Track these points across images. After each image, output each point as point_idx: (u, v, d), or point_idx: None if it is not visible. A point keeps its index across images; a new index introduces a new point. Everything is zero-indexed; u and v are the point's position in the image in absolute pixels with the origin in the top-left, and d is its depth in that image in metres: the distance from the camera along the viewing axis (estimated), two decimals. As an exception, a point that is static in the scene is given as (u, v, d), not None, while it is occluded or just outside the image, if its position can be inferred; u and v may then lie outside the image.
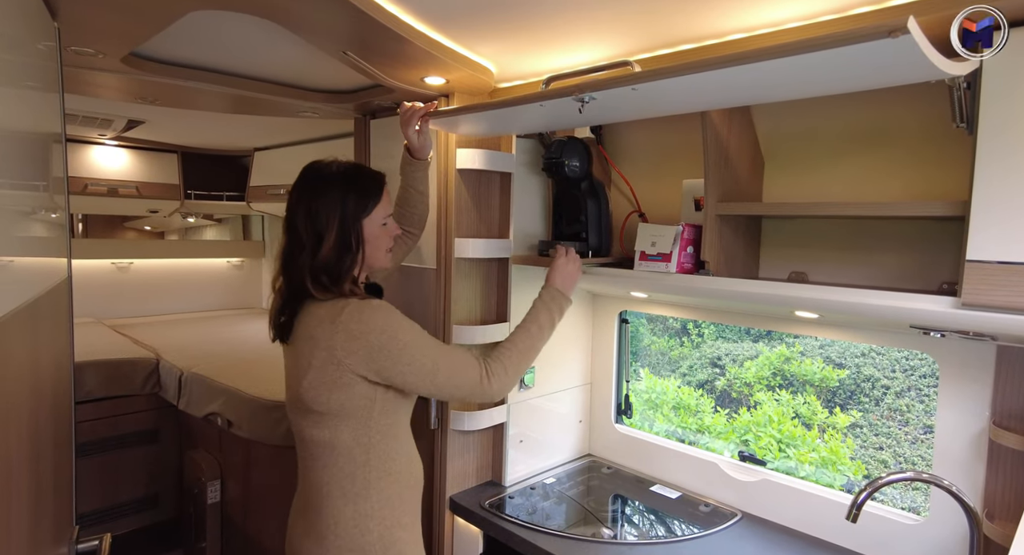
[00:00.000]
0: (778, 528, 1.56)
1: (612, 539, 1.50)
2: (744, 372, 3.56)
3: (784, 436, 2.83)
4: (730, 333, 3.82)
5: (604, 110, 1.22)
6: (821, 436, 2.71)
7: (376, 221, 1.22)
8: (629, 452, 1.96)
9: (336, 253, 1.17)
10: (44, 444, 0.94)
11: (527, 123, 1.50)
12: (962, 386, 1.30)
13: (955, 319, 1.08)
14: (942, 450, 1.33)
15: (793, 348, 3.51)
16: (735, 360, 3.65)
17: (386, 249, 1.27)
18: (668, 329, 3.96)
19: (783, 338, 3.53)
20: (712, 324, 3.88)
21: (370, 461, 1.17)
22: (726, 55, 0.92)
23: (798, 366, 3.40)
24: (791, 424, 3.03)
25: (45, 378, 0.98)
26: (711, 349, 3.76)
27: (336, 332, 1.11)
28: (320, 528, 1.17)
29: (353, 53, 1.31)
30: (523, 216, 1.74)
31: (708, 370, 3.69)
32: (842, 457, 2.30)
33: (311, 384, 1.14)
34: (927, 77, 0.91)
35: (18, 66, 0.85)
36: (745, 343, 3.68)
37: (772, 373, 3.48)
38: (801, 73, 0.94)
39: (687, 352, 3.77)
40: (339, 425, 1.16)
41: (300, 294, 1.18)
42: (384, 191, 1.24)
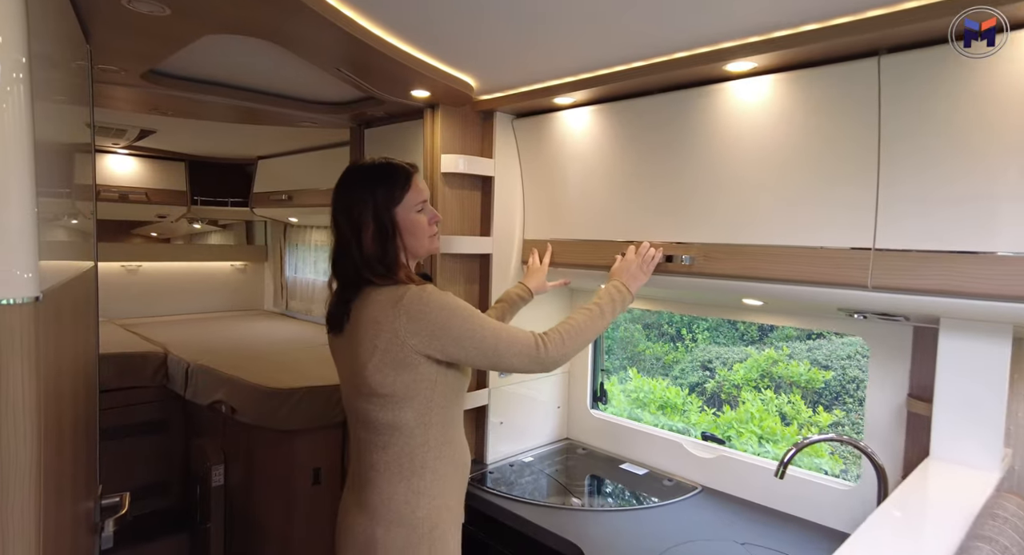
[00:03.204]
0: (733, 499, 1.72)
1: (581, 507, 1.66)
2: (733, 374, 3.71)
3: (765, 432, 2.99)
4: (722, 338, 3.97)
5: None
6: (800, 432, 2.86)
7: (409, 208, 1.28)
8: (603, 435, 2.11)
9: (378, 243, 1.24)
10: (79, 412, 1.10)
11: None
12: (887, 364, 1.46)
13: (868, 301, 1.24)
14: (871, 422, 1.49)
15: (781, 351, 3.67)
16: (725, 363, 3.80)
17: (428, 235, 1.32)
18: (663, 335, 4.11)
19: (773, 342, 3.68)
20: (706, 330, 4.03)
21: (428, 441, 1.23)
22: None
23: (784, 368, 3.56)
24: (772, 420, 3.18)
25: (81, 357, 1.14)
26: (702, 353, 3.91)
27: (399, 315, 1.17)
28: (373, 502, 1.23)
29: (345, 70, 1.49)
30: (503, 217, 1.91)
31: (699, 373, 3.84)
32: (821, 452, 2.44)
33: (377, 367, 1.19)
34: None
35: (58, 82, 1.00)
36: (735, 347, 3.84)
37: (760, 375, 3.63)
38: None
39: (680, 357, 3.92)
40: (403, 406, 1.21)
41: (356, 284, 1.25)
42: (412, 180, 1.29)
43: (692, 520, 1.58)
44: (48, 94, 0.84)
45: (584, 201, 1.74)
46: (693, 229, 1.49)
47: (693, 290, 1.61)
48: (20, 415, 0.67)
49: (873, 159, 1.18)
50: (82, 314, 1.16)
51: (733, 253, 1.41)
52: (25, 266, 0.68)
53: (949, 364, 1.21)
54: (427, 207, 1.33)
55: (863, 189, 1.20)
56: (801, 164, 1.29)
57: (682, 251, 1.49)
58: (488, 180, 1.87)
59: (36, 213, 0.70)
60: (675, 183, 1.51)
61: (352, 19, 1.26)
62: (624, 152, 1.61)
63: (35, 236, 0.69)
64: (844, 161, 1.22)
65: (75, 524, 1.03)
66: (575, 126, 1.71)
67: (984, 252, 1.06)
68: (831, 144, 1.24)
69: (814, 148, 1.26)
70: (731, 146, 1.39)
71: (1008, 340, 1.14)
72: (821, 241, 1.27)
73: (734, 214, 1.41)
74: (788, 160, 1.30)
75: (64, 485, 0.90)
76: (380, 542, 1.19)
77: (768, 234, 1.35)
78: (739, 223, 1.40)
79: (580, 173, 1.73)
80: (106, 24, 1.27)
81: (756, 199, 1.37)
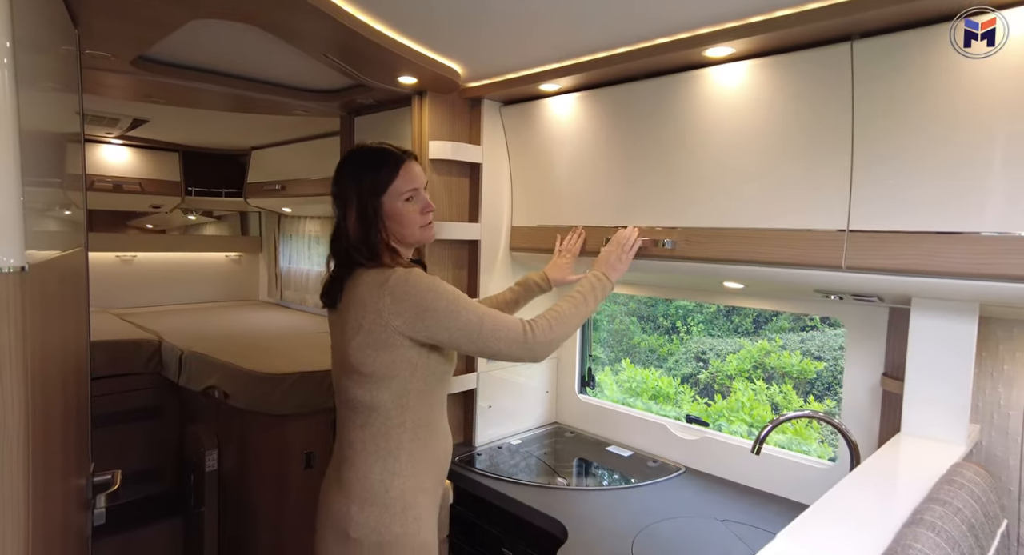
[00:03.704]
0: (715, 479, 1.75)
1: (566, 486, 1.69)
2: (726, 365, 3.75)
3: (755, 420, 3.03)
4: (717, 330, 4.01)
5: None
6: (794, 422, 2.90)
7: (395, 196, 1.26)
8: (591, 419, 2.14)
9: (360, 229, 1.25)
10: (69, 391, 1.12)
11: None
12: (863, 344, 1.49)
13: (843, 282, 1.27)
14: (848, 401, 1.52)
15: (774, 342, 3.70)
16: (719, 354, 3.84)
17: (419, 225, 1.30)
18: (659, 327, 4.15)
19: (767, 334, 3.72)
20: (701, 322, 4.07)
21: (405, 423, 1.24)
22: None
23: (777, 359, 3.60)
24: (762, 409, 3.22)
25: (72, 338, 1.17)
26: (696, 344, 3.95)
27: (383, 296, 1.19)
28: (350, 480, 1.24)
29: (332, 56, 1.51)
30: (491, 203, 1.93)
31: (693, 364, 3.88)
32: (810, 439, 2.48)
33: (359, 346, 1.21)
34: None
35: (44, 68, 0.99)
36: (729, 339, 3.88)
37: (753, 366, 3.68)
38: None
39: (675, 349, 3.96)
40: (381, 386, 1.22)
41: (348, 264, 1.27)
42: (402, 167, 1.28)
43: (674, 499, 1.62)
44: (33, 80, 0.84)
45: (570, 187, 1.77)
46: (675, 214, 1.52)
47: (676, 274, 1.64)
48: (7, 381, 0.70)
49: (847, 143, 1.21)
50: (71, 294, 1.19)
51: (713, 236, 1.44)
52: (12, 238, 0.70)
53: (919, 342, 1.24)
54: (419, 195, 1.30)
55: (838, 173, 1.23)
56: (778, 148, 1.31)
57: (664, 235, 1.52)
58: (476, 167, 1.89)
59: (22, 189, 0.72)
60: (658, 168, 1.54)
61: (338, 5, 1.28)
62: (608, 138, 1.63)
63: (21, 210, 0.72)
64: (819, 145, 1.25)
65: (66, 498, 1.06)
66: (561, 113, 1.73)
67: (952, 232, 1.09)
68: (807, 128, 1.26)
69: (791, 132, 1.29)
70: (711, 131, 1.41)
71: (974, 318, 1.17)
72: (798, 223, 1.30)
73: (714, 198, 1.44)
74: (765, 145, 1.33)
75: (54, 458, 0.92)
76: (354, 519, 1.21)
77: (747, 218, 1.38)
78: (719, 207, 1.43)
79: (566, 160, 1.76)
80: (93, 8, 1.28)
81: (735, 183, 1.39)
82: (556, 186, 1.81)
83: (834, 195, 1.24)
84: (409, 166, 1.29)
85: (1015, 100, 1.01)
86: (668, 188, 1.52)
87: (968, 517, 0.82)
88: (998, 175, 1.04)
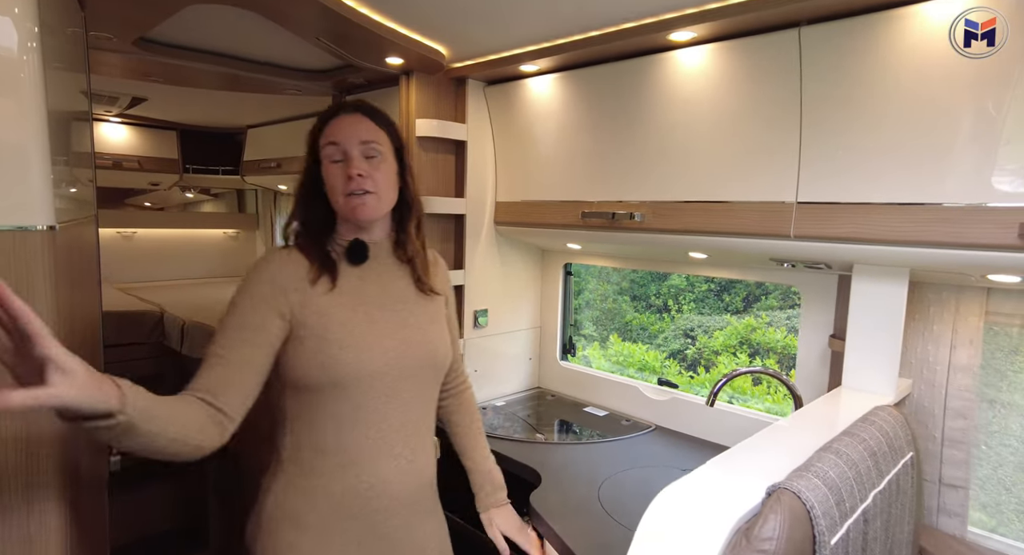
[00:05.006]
0: (681, 436, 1.89)
1: (543, 441, 1.83)
2: (713, 341, 3.89)
3: (735, 391, 3.18)
4: (707, 309, 4.15)
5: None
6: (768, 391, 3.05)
7: (321, 151, 1.06)
8: (571, 383, 2.28)
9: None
10: (87, 352, 1.23)
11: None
12: (815, 309, 1.62)
13: (793, 250, 1.39)
14: (801, 362, 1.65)
15: (760, 319, 3.84)
16: (707, 331, 3.98)
17: (341, 192, 1.04)
18: (651, 306, 4.27)
19: (755, 312, 3.85)
20: (692, 301, 4.19)
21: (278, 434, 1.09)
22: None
23: (762, 335, 3.74)
24: (742, 381, 3.37)
25: (86, 303, 1.27)
26: (685, 322, 4.09)
27: None
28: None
29: (324, 39, 1.60)
30: (476, 179, 2.04)
31: (681, 340, 4.02)
32: (788, 408, 2.63)
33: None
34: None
35: (57, 50, 1.05)
36: (718, 317, 4.01)
37: (739, 342, 3.82)
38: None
39: (665, 327, 4.09)
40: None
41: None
42: (335, 118, 1.06)
43: (642, 452, 1.76)
44: (49, 61, 0.89)
45: (549, 164, 1.88)
46: (643, 188, 1.63)
47: (645, 245, 1.76)
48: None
49: (796, 122, 1.32)
50: (85, 263, 1.29)
51: (677, 210, 1.56)
52: (44, 201, 0.82)
53: (858, 305, 1.37)
54: (352, 158, 1.04)
55: (788, 149, 1.34)
56: (734, 127, 1.42)
57: (633, 209, 1.63)
58: (461, 144, 2.00)
59: (51, 157, 0.83)
60: (628, 145, 1.64)
61: (326, -10, 1.37)
62: (583, 117, 1.74)
63: (50, 175, 0.83)
64: (772, 124, 1.36)
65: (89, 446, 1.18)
66: (540, 93, 1.83)
67: (886, 203, 1.21)
68: (760, 108, 1.37)
69: (746, 112, 1.40)
70: (675, 111, 1.52)
71: (904, 282, 1.29)
72: (752, 196, 1.41)
73: (678, 173, 1.55)
74: (724, 123, 1.44)
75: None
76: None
77: (706, 191, 1.49)
78: (682, 182, 1.54)
79: (545, 137, 1.86)
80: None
81: (696, 159, 1.51)
82: (537, 163, 1.92)
83: (784, 169, 1.35)
84: (340, 119, 1.06)
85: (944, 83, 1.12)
86: (637, 164, 1.63)
87: (872, 446, 0.95)
88: (928, 151, 1.15)
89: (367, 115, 1.07)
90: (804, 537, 0.75)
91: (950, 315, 1.37)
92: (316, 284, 1.03)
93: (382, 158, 1.06)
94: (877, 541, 0.93)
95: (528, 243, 2.23)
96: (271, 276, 1.02)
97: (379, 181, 1.05)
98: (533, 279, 2.33)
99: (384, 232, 1.15)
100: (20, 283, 0.78)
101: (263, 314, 0.99)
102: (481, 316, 2.13)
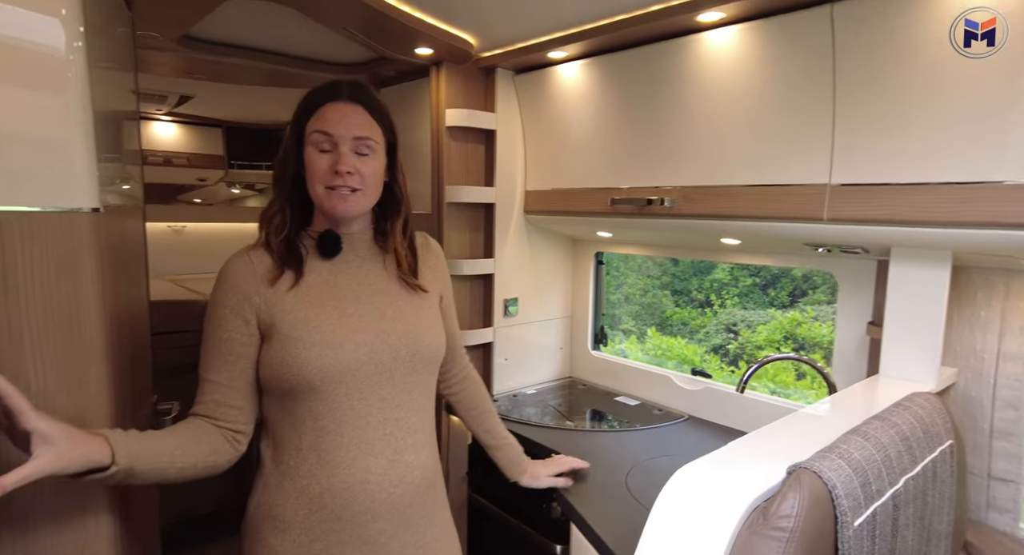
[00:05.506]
0: (714, 426, 1.87)
1: (572, 428, 1.83)
2: (756, 336, 3.81)
3: (777, 385, 3.12)
4: (751, 304, 4.07)
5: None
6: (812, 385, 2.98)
7: (307, 136, 1.00)
8: (603, 373, 2.27)
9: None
10: (135, 334, 1.30)
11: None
12: (853, 296, 1.57)
13: (828, 234, 1.35)
14: (838, 350, 1.60)
15: (806, 313, 3.75)
16: (750, 326, 3.91)
17: (323, 183, 0.98)
18: (692, 301, 4.22)
19: (801, 307, 3.76)
20: (736, 295, 4.13)
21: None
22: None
23: (807, 330, 3.65)
24: (785, 376, 3.30)
25: (134, 287, 1.34)
26: (728, 316, 4.02)
27: None
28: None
29: (353, 30, 1.64)
30: (505, 168, 2.05)
31: (723, 335, 3.95)
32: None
33: None
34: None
35: (106, 50, 1.10)
36: (761, 311, 3.94)
37: (783, 337, 3.74)
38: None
39: (707, 322, 4.04)
40: None
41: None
42: (327, 104, 1.00)
43: (673, 441, 1.74)
44: (96, 61, 0.93)
45: (579, 151, 1.87)
46: (673, 173, 1.61)
47: (676, 231, 1.74)
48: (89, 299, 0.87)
49: (829, 103, 1.28)
50: (132, 253, 1.34)
51: (708, 194, 1.53)
52: (89, 187, 0.87)
53: (897, 290, 1.31)
54: (342, 154, 0.98)
55: (821, 130, 1.30)
56: (765, 109, 1.39)
57: (664, 194, 1.61)
58: (491, 133, 2.01)
59: (96, 154, 0.88)
60: (657, 130, 1.62)
61: (356, -18, 1.41)
62: (612, 102, 1.73)
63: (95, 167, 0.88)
64: (804, 105, 1.32)
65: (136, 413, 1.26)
66: (569, 79, 1.83)
67: (926, 183, 1.16)
68: (792, 89, 1.33)
69: (777, 93, 1.36)
70: (704, 94, 1.49)
71: (946, 266, 1.24)
72: (783, 179, 1.38)
73: (708, 157, 1.52)
74: (753, 106, 1.41)
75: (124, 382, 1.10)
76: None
77: (737, 175, 1.46)
78: (712, 166, 1.51)
79: (575, 124, 1.86)
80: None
81: (727, 143, 1.48)
82: (566, 150, 1.91)
83: (817, 151, 1.31)
84: (335, 107, 0.99)
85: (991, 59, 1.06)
86: (666, 149, 1.61)
87: (904, 431, 0.92)
88: (971, 127, 1.10)
89: (365, 107, 1.01)
90: (825, 517, 0.73)
91: (999, 301, 1.31)
92: (278, 282, 1.00)
93: (373, 154, 1.01)
94: (910, 528, 0.90)
95: (558, 232, 2.23)
96: (231, 285, 1.00)
97: (366, 178, 1.00)
98: (564, 268, 2.32)
99: (364, 224, 1.10)
100: (66, 259, 0.83)
101: (231, 327, 0.98)
102: (511, 305, 2.14)
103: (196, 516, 2.80)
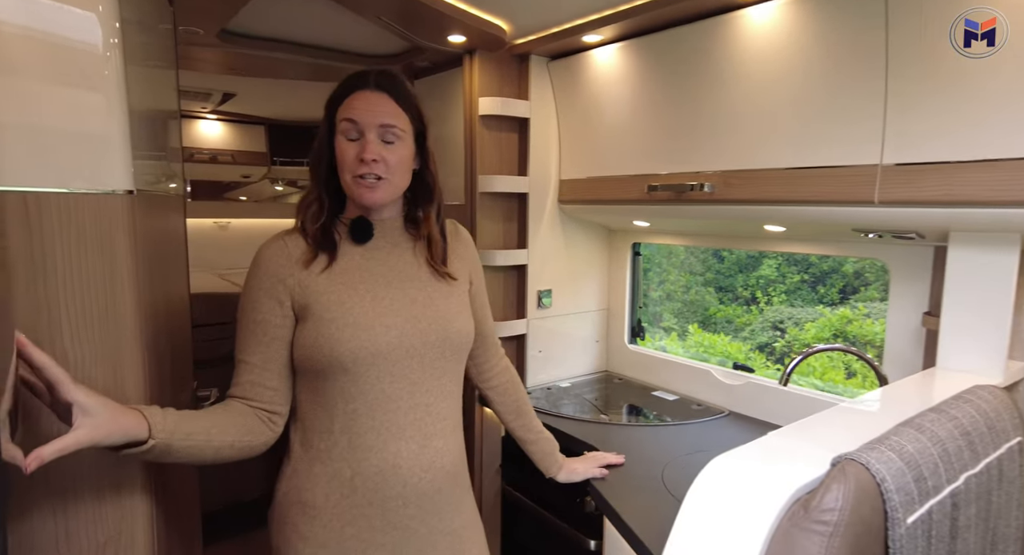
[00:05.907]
0: (756, 421, 1.79)
1: (607, 422, 1.79)
2: (804, 334, 3.68)
3: (825, 384, 3.00)
4: (799, 301, 3.94)
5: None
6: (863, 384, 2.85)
7: (336, 125, 1.02)
8: (640, 367, 2.22)
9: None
10: (174, 321, 1.32)
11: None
12: (907, 286, 1.47)
13: (879, 218, 1.27)
14: (890, 342, 1.51)
15: (857, 310, 3.60)
16: (797, 323, 3.78)
17: (351, 172, 1.00)
18: (737, 298, 4.12)
19: (852, 304, 3.62)
20: (783, 292, 4.00)
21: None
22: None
23: (859, 327, 3.50)
24: (834, 373, 3.17)
25: (173, 277, 1.36)
26: (774, 314, 3.90)
27: None
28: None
29: (386, 18, 1.64)
30: (539, 157, 2.02)
31: (770, 333, 3.84)
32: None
33: None
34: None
35: (148, 47, 1.11)
36: (810, 308, 3.80)
37: (833, 334, 3.60)
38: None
39: (752, 319, 3.93)
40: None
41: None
42: (355, 93, 1.00)
43: (712, 436, 1.68)
44: (135, 57, 0.93)
45: (615, 138, 1.82)
46: (713, 157, 1.55)
47: (717, 218, 1.67)
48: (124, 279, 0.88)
49: (881, 77, 1.20)
50: (173, 245, 1.35)
51: (748, 178, 1.46)
52: (123, 168, 0.88)
53: (956, 277, 1.22)
54: (368, 142, 0.99)
55: (871, 107, 1.22)
56: (810, 86, 1.32)
57: (703, 180, 1.55)
58: (524, 122, 1.98)
59: (131, 141, 0.90)
60: (696, 113, 1.56)
61: (387, -32, 1.40)
62: (649, 86, 1.67)
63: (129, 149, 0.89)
64: (853, 80, 1.24)
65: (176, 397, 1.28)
66: (604, 64, 1.78)
67: (985, 160, 1.07)
68: (840, 64, 1.26)
69: (823, 69, 1.29)
70: (745, 73, 1.43)
71: (1015, 250, 1.14)
72: (830, 160, 1.30)
73: (750, 140, 1.45)
74: (798, 83, 1.33)
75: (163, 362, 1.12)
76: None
77: (781, 157, 1.39)
78: (754, 148, 1.45)
79: (610, 110, 1.81)
80: (185, -14, 1.47)
81: (769, 124, 1.41)
82: (602, 137, 1.87)
83: (867, 130, 1.23)
84: (362, 95, 1.00)
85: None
86: (706, 132, 1.55)
87: (964, 425, 0.85)
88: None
89: (392, 95, 1.01)
90: (874, 512, 0.68)
91: (1073, 288, 1.20)
92: (312, 265, 1.02)
93: (400, 142, 1.02)
94: (971, 530, 0.83)
95: (593, 222, 2.19)
96: (265, 268, 1.02)
97: (392, 166, 1.01)
98: (599, 260, 2.28)
99: (395, 211, 1.12)
100: (104, 239, 0.85)
101: (266, 308, 1.00)
102: (545, 297, 2.11)
103: (241, 503, 2.88)
